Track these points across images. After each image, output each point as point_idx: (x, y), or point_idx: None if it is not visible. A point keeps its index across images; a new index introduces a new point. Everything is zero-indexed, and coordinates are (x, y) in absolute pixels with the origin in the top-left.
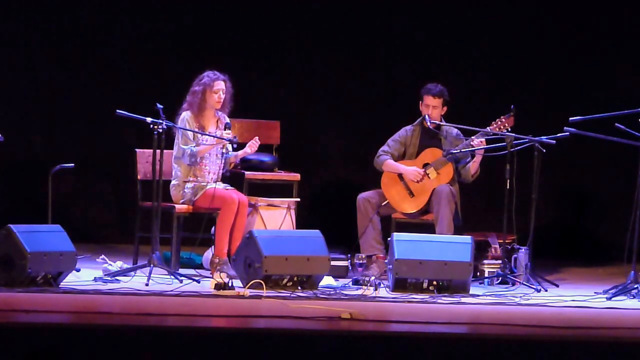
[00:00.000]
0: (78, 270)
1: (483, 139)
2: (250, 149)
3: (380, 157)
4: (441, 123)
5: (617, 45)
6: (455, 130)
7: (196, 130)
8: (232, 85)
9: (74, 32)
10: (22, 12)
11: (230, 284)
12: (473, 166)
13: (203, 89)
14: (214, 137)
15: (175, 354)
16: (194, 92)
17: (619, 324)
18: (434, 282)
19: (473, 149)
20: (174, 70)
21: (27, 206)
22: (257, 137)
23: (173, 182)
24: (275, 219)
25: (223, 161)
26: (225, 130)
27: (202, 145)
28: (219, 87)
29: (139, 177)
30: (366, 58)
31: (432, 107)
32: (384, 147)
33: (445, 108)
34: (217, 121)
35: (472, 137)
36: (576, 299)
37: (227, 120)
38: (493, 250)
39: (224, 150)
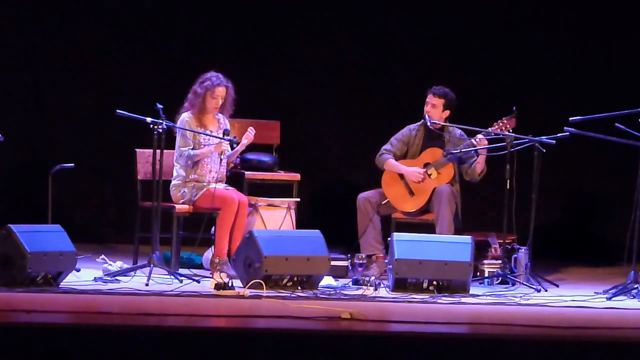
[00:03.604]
0: (78, 270)
1: (484, 138)
2: (247, 139)
3: (383, 156)
4: (445, 124)
5: (617, 45)
6: (458, 131)
7: (196, 130)
8: (235, 90)
9: (74, 33)
10: (22, 13)
11: (230, 284)
12: (478, 165)
13: (204, 92)
14: (214, 137)
15: (175, 354)
16: (195, 93)
17: (619, 324)
18: (434, 282)
19: (475, 148)
20: (174, 70)
21: (27, 206)
22: (250, 127)
23: (173, 182)
24: (275, 219)
25: (225, 161)
26: (224, 136)
27: (200, 150)
28: (219, 95)
29: (139, 177)
30: (367, 58)
31: (430, 105)
32: (387, 146)
33: (447, 112)
34: (218, 122)
35: (476, 136)
36: (576, 299)
37: (227, 126)
38: (493, 250)
39: (222, 157)
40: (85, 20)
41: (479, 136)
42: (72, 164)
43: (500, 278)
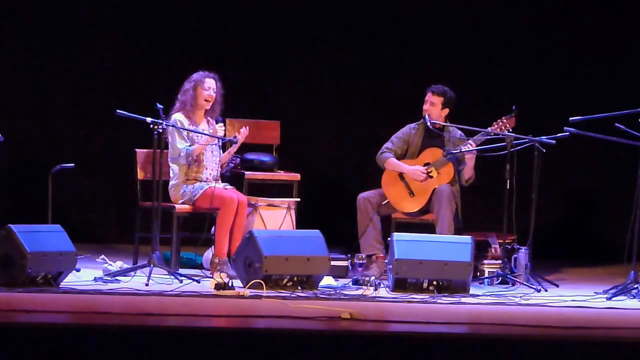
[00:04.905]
0: (78, 270)
1: (472, 143)
2: (239, 139)
3: (384, 154)
4: (445, 124)
5: (617, 45)
6: (459, 132)
7: (191, 129)
8: (223, 85)
9: (74, 33)
10: (22, 13)
11: (230, 284)
12: (466, 171)
13: (194, 85)
14: (210, 136)
15: (175, 354)
16: (185, 91)
17: (619, 324)
18: (434, 282)
19: (463, 150)
20: (174, 70)
21: (27, 206)
22: (244, 127)
23: (171, 182)
24: (275, 219)
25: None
26: (217, 124)
27: (197, 145)
28: (210, 85)
29: (139, 177)
30: (367, 58)
31: (429, 103)
32: (388, 144)
33: (446, 110)
34: (207, 122)
35: (466, 142)
36: (576, 299)
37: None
38: (493, 250)
39: (232, 138)
40: (85, 20)
41: (470, 142)
42: (72, 164)
43: (500, 278)
